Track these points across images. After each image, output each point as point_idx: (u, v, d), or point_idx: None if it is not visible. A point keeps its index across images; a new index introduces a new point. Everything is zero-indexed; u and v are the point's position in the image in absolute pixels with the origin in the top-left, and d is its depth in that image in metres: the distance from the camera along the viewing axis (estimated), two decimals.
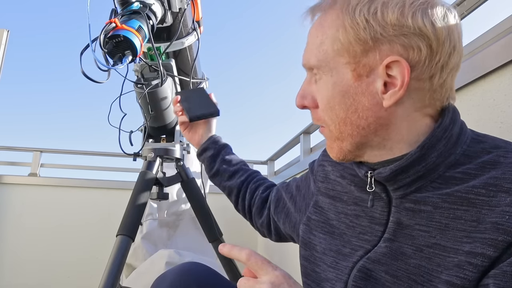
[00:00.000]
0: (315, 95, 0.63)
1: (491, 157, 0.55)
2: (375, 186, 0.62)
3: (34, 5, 8.14)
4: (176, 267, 0.69)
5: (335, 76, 0.59)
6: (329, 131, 0.63)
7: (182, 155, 1.48)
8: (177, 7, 1.25)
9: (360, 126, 0.59)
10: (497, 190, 0.51)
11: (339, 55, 0.58)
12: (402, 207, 0.59)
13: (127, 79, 1.19)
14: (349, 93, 0.58)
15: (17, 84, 5.62)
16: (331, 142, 0.65)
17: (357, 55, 0.56)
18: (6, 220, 2.73)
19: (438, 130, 0.57)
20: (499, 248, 0.47)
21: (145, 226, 2.12)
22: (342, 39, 0.57)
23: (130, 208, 1.25)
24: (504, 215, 0.48)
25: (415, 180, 0.58)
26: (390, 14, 0.54)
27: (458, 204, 0.53)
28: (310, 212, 0.76)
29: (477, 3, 1.06)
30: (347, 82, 0.58)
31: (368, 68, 0.56)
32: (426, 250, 0.55)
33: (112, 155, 3.17)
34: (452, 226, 0.53)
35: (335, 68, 0.59)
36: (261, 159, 3.32)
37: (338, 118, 0.61)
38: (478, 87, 0.93)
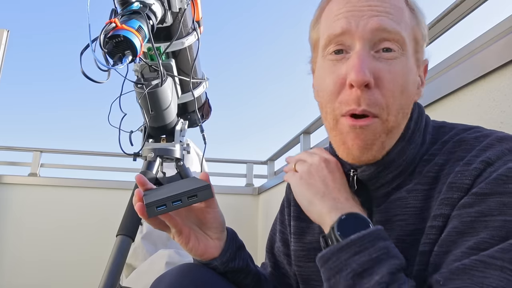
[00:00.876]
0: (378, 73, 0.54)
1: (450, 136, 0.59)
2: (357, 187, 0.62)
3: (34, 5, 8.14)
4: (175, 268, 0.69)
5: (410, 60, 0.57)
6: (383, 122, 0.55)
7: (182, 155, 1.48)
8: (177, 7, 1.25)
9: (405, 115, 0.58)
10: (454, 160, 0.54)
11: (413, 40, 0.58)
12: (382, 206, 0.60)
13: (127, 79, 1.20)
14: (412, 81, 0.58)
15: (17, 84, 5.62)
16: (375, 137, 0.55)
17: (420, 48, 0.60)
18: (6, 220, 2.73)
19: (412, 123, 0.60)
20: (454, 205, 0.49)
21: (145, 226, 2.12)
22: (421, 29, 0.59)
23: (130, 208, 1.25)
24: (456, 174, 0.51)
25: (396, 176, 0.59)
26: (425, 24, 0.61)
27: (429, 184, 0.55)
28: (292, 243, 0.73)
29: (477, 3, 1.06)
30: (414, 69, 0.59)
31: (419, 63, 0.60)
32: (408, 239, 0.55)
33: (112, 155, 3.17)
34: (425, 207, 0.55)
35: (409, 51, 0.57)
36: (261, 159, 3.32)
37: (401, 104, 0.56)
38: (478, 87, 0.93)
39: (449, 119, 1.03)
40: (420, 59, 0.60)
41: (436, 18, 1.17)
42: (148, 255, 1.99)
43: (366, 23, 0.54)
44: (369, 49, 0.55)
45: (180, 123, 1.51)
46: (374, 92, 0.54)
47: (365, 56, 0.54)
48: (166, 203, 0.57)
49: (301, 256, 0.71)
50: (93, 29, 0.93)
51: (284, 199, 0.81)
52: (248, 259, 0.74)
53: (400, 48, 0.55)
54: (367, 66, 0.53)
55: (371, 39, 0.54)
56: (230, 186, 3.19)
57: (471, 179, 0.49)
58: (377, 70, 0.54)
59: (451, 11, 1.12)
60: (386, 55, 0.54)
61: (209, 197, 0.60)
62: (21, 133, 5.65)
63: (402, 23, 0.55)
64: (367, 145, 0.56)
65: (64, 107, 6.24)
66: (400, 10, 0.56)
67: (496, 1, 1.05)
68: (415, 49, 0.59)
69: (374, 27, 0.54)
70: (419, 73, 0.61)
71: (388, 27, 0.54)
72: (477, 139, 0.54)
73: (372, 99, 0.54)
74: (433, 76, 1.16)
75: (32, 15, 7.73)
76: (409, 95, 0.57)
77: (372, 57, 0.55)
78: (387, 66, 0.54)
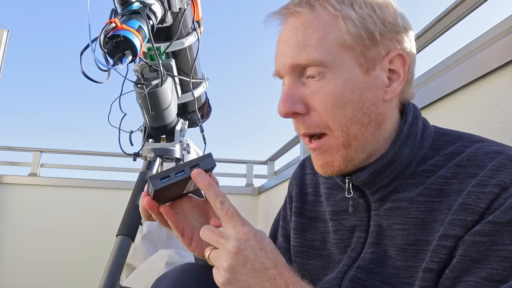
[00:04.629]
0: (307, 99, 0.56)
1: (456, 147, 0.57)
2: (353, 192, 0.62)
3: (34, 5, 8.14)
4: (176, 268, 0.69)
5: (344, 72, 0.55)
6: (333, 138, 0.57)
7: (182, 155, 1.48)
8: (177, 7, 1.25)
9: (364, 124, 0.57)
10: (464, 176, 0.53)
11: (346, 50, 0.55)
12: (381, 210, 0.59)
13: (127, 79, 1.20)
14: (357, 89, 0.56)
15: (17, 84, 5.62)
16: (333, 154, 0.58)
17: (365, 49, 0.56)
18: (6, 220, 2.73)
19: (405, 127, 0.59)
20: (467, 227, 0.49)
21: (145, 226, 2.12)
22: (352, 32, 0.55)
23: (130, 208, 1.25)
24: (470, 195, 0.50)
25: (391, 180, 0.58)
26: (386, 12, 0.57)
27: (433, 196, 0.55)
28: (292, 239, 0.74)
29: (477, 3, 1.06)
30: (357, 78, 0.56)
31: (373, 62, 0.57)
32: (408, 248, 0.55)
33: (112, 155, 3.17)
34: (430, 219, 0.54)
35: (343, 64, 0.55)
36: (261, 159, 3.32)
37: (345, 118, 0.56)
38: (478, 87, 0.93)
39: (449, 119, 1.03)
40: (374, 58, 0.56)
41: (436, 18, 1.17)
42: (148, 255, 1.99)
43: (284, 62, 0.58)
44: (298, 78, 0.58)
45: (180, 123, 1.51)
46: (311, 115, 0.57)
47: (291, 87, 0.57)
48: (169, 174, 0.58)
49: (299, 252, 0.71)
50: (93, 29, 0.93)
51: (287, 195, 0.81)
52: None
53: (325, 70, 0.55)
54: (291, 98, 0.57)
55: (294, 72, 0.57)
56: (230, 186, 3.19)
57: (486, 203, 0.49)
58: (306, 97, 0.57)
59: (451, 11, 1.12)
60: (312, 81, 0.56)
61: (212, 165, 0.59)
62: (21, 133, 5.65)
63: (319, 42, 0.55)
64: (327, 163, 0.58)
65: (64, 107, 6.24)
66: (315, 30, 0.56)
67: (496, 1, 1.05)
68: (354, 55, 0.56)
69: (289, 65, 0.57)
70: (376, 72, 0.57)
71: (299, 60, 0.56)
72: (487, 156, 0.53)
73: (308, 122, 0.57)
74: (433, 76, 1.16)
75: (32, 15, 7.73)
76: (359, 104, 0.56)
77: (301, 84, 0.57)
78: (316, 89, 0.56)
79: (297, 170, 0.80)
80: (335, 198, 0.67)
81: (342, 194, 0.65)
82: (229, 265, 0.50)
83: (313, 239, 0.70)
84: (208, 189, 0.54)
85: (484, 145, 0.56)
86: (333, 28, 0.55)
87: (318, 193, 0.72)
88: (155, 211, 0.61)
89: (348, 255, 0.62)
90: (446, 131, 0.62)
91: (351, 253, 0.61)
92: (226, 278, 0.50)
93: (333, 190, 0.68)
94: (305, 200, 0.74)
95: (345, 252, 0.63)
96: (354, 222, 0.63)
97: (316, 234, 0.70)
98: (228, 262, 0.50)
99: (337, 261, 0.64)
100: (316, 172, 0.73)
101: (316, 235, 0.69)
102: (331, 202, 0.67)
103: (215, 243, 0.52)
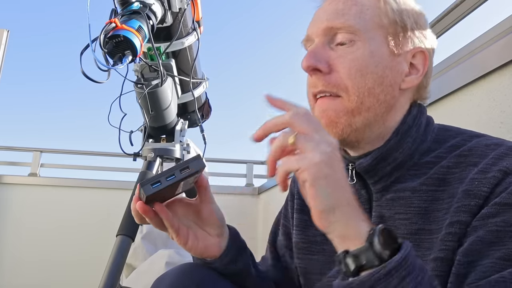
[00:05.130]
0: (332, 61, 0.60)
1: (458, 141, 0.59)
2: (355, 182, 0.63)
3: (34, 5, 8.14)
4: (176, 268, 0.69)
5: (373, 45, 0.60)
6: (347, 101, 0.59)
7: (182, 155, 1.48)
8: (177, 7, 1.25)
9: (379, 100, 0.60)
10: (466, 165, 0.54)
11: (380, 28, 0.60)
12: (382, 200, 0.60)
13: (127, 79, 1.20)
14: (381, 64, 0.60)
15: (17, 84, 5.62)
16: (339, 115, 0.60)
17: (396, 34, 0.61)
18: (6, 220, 2.73)
19: (409, 118, 0.62)
20: (472, 212, 0.50)
21: (145, 226, 2.12)
22: (390, 15, 0.61)
23: (130, 208, 1.25)
24: (473, 182, 0.51)
25: (394, 168, 0.60)
26: (420, 17, 0.63)
27: (436, 185, 0.56)
28: (294, 235, 0.74)
29: (477, 3, 1.06)
30: (383, 54, 0.60)
31: (399, 48, 0.61)
32: (411, 238, 0.55)
33: (112, 155, 3.17)
34: (432, 208, 0.55)
35: (373, 38, 0.60)
36: (261, 159, 3.32)
37: (365, 86, 0.59)
38: (478, 87, 0.93)
39: (449, 119, 1.03)
40: (402, 46, 0.61)
41: (436, 18, 1.17)
42: (148, 255, 1.99)
43: (318, 25, 0.63)
44: (326, 44, 0.62)
45: (180, 123, 1.51)
46: (332, 75, 0.60)
47: (318, 47, 0.61)
48: (160, 179, 0.56)
49: (302, 248, 0.72)
50: (93, 29, 0.93)
51: (288, 193, 0.82)
52: (250, 262, 0.72)
53: (355, 35, 0.59)
54: (316, 55, 0.60)
55: (325, 36, 0.62)
56: (230, 186, 3.19)
57: (489, 187, 0.49)
58: (332, 58, 0.60)
59: (451, 11, 1.12)
60: (341, 47, 0.61)
61: (201, 166, 0.57)
62: (21, 133, 5.66)
63: (357, 13, 0.60)
64: (331, 122, 0.60)
65: (64, 107, 6.25)
66: (355, 3, 0.61)
67: (496, 1, 1.05)
68: (385, 35, 0.60)
69: (323, 27, 0.62)
70: (400, 58, 0.61)
71: (333, 24, 0.61)
72: (488, 147, 0.55)
73: (328, 80, 0.60)
74: (433, 76, 1.15)
75: (32, 15, 7.73)
76: (379, 79, 0.59)
77: (329, 48, 0.61)
78: (342, 54, 0.60)
79: None
80: None
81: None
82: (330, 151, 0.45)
83: (315, 234, 0.70)
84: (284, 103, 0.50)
85: (484, 138, 0.58)
86: (373, 6, 0.61)
87: None
88: (149, 215, 0.60)
89: None
90: (449, 127, 0.64)
91: None
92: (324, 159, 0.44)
93: None
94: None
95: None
96: None
97: (318, 229, 0.69)
98: (329, 149, 0.45)
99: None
100: None
101: (318, 230, 0.69)
102: None
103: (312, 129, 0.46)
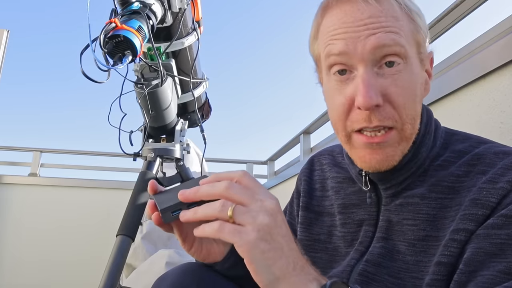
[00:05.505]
0: (386, 90, 0.54)
1: (465, 147, 0.59)
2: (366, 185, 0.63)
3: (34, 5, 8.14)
4: (177, 268, 0.69)
5: (414, 65, 0.56)
6: (401, 131, 0.55)
7: (182, 155, 1.48)
8: (177, 7, 1.25)
9: (419, 118, 0.59)
10: (474, 173, 0.54)
11: (415, 44, 0.57)
12: (392, 205, 0.60)
13: (127, 79, 1.20)
14: (420, 83, 0.58)
15: (17, 84, 5.62)
16: (395, 148, 0.56)
17: (422, 46, 0.58)
18: (6, 220, 2.73)
19: (422, 127, 0.60)
20: (479, 221, 0.49)
21: (145, 226, 2.12)
22: (420, 28, 0.57)
23: (130, 208, 1.25)
24: (481, 191, 0.51)
25: (407, 177, 0.60)
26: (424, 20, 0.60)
27: (445, 193, 0.56)
28: (299, 232, 0.74)
29: (477, 3, 1.06)
30: (419, 72, 0.58)
31: (424, 60, 0.60)
32: (418, 244, 0.56)
33: (112, 155, 3.17)
34: (440, 215, 0.55)
35: (413, 57, 0.56)
36: (261, 159, 3.32)
37: (415, 112, 0.56)
38: (478, 87, 0.93)
39: (449, 119, 1.03)
40: (424, 57, 0.60)
41: (436, 18, 1.17)
42: (148, 255, 1.99)
43: (364, 44, 0.53)
44: (372, 67, 0.54)
45: (180, 123, 1.51)
46: (385, 107, 0.54)
47: (370, 78, 0.54)
48: (181, 207, 0.54)
49: (305, 245, 0.72)
50: (93, 29, 0.93)
51: (294, 190, 0.82)
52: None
53: (403, 59, 0.54)
54: (373, 88, 0.53)
55: (372, 59, 0.54)
56: None
57: (497, 198, 0.49)
58: (384, 88, 0.54)
59: (451, 11, 1.13)
60: (390, 70, 0.54)
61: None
62: (21, 133, 5.66)
63: (401, 32, 0.54)
64: (388, 157, 0.56)
65: (64, 107, 6.24)
66: (396, 19, 0.55)
67: (496, 1, 1.05)
68: (418, 51, 0.58)
69: (373, 47, 0.53)
70: (425, 69, 0.61)
71: (386, 43, 0.53)
72: (497, 155, 0.54)
73: (383, 114, 0.54)
74: (433, 76, 1.16)
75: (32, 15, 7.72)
76: (420, 99, 0.58)
77: (376, 74, 0.54)
78: (394, 81, 0.54)
79: (306, 167, 0.81)
80: (346, 192, 0.68)
81: (353, 188, 0.67)
82: (268, 222, 0.44)
83: (319, 232, 0.71)
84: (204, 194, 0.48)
85: (492, 145, 0.57)
86: (408, 21, 0.56)
87: (325, 188, 0.73)
88: (163, 227, 0.58)
89: (356, 248, 0.62)
90: (455, 131, 0.64)
91: (359, 247, 0.62)
92: (262, 233, 0.43)
93: (343, 183, 0.69)
94: (313, 195, 0.75)
95: (351, 246, 0.64)
96: (362, 216, 0.64)
97: (323, 228, 0.71)
98: (267, 219, 0.44)
99: (343, 254, 0.65)
100: (324, 168, 0.76)
101: (323, 229, 0.71)
102: (341, 195, 0.69)
103: (248, 198, 0.46)
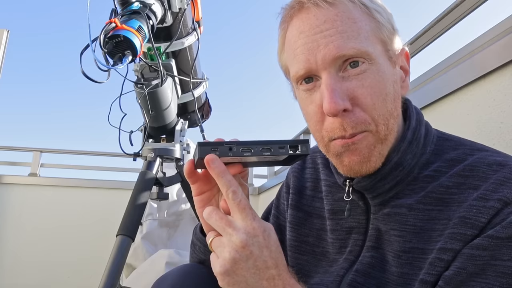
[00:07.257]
0: (353, 93, 0.53)
1: (458, 154, 0.56)
2: (352, 194, 0.61)
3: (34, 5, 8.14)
4: (177, 269, 0.69)
5: (382, 64, 0.55)
6: (375, 132, 0.54)
7: (182, 155, 1.48)
8: (177, 7, 1.25)
9: (395, 117, 0.56)
10: (466, 188, 0.52)
11: (380, 42, 0.55)
12: (379, 214, 0.58)
13: (127, 79, 1.20)
14: (390, 81, 0.56)
15: (17, 84, 5.62)
16: (371, 149, 0.55)
17: (391, 43, 0.57)
18: (6, 220, 2.73)
19: (409, 132, 0.58)
20: (466, 241, 0.48)
21: (145, 226, 2.12)
22: (384, 24, 0.56)
23: (130, 208, 1.25)
24: (471, 209, 0.49)
25: (393, 186, 0.57)
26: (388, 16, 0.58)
27: (433, 205, 0.54)
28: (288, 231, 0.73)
29: (477, 3, 1.06)
30: (389, 70, 0.56)
31: (395, 57, 0.58)
32: (404, 256, 0.54)
33: (112, 155, 3.17)
34: (427, 228, 0.53)
35: (380, 56, 0.55)
36: None
37: (387, 111, 0.55)
38: (478, 87, 0.93)
39: (449, 119, 1.03)
40: (394, 53, 0.57)
41: (436, 18, 1.17)
42: (148, 255, 1.99)
43: (324, 54, 0.53)
44: (336, 73, 0.54)
45: (180, 123, 1.51)
46: (355, 111, 0.53)
47: (334, 83, 0.53)
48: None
49: (293, 246, 0.70)
50: (93, 29, 0.93)
51: (284, 184, 0.79)
52: None
53: (367, 60, 0.53)
54: (338, 93, 0.52)
55: (334, 65, 0.53)
56: None
57: (487, 217, 0.48)
58: (351, 91, 0.53)
59: (451, 11, 1.12)
60: (354, 71, 0.53)
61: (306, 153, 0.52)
62: (21, 133, 5.66)
63: (360, 34, 0.53)
64: (365, 158, 0.55)
65: (64, 107, 6.25)
66: (353, 21, 0.54)
67: (496, 1, 1.05)
68: (385, 49, 0.56)
69: (333, 58, 0.53)
70: (397, 66, 0.58)
71: (346, 53, 0.52)
72: (491, 167, 0.52)
73: (354, 120, 0.53)
74: (433, 76, 1.16)
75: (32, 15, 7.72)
76: (393, 97, 0.56)
77: (341, 78, 0.53)
78: (359, 82, 0.53)
79: (297, 163, 0.79)
80: (334, 197, 0.66)
81: (341, 194, 0.64)
82: (232, 257, 0.48)
83: (308, 234, 0.69)
84: (222, 177, 0.49)
85: (487, 154, 0.54)
86: (368, 20, 0.55)
87: (318, 189, 0.71)
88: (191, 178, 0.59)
89: (346, 257, 0.61)
90: (449, 136, 0.61)
91: (348, 256, 0.61)
92: (225, 269, 0.49)
93: (332, 188, 0.67)
94: (303, 194, 0.72)
95: (340, 252, 0.63)
96: (352, 224, 0.62)
97: (312, 230, 0.69)
98: (232, 254, 0.48)
99: (331, 260, 0.64)
100: (317, 168, 0.73)
101: (312, 231, 0.69)
102: (329, 200, 0.67)
103: (221, 230, 0.50)
